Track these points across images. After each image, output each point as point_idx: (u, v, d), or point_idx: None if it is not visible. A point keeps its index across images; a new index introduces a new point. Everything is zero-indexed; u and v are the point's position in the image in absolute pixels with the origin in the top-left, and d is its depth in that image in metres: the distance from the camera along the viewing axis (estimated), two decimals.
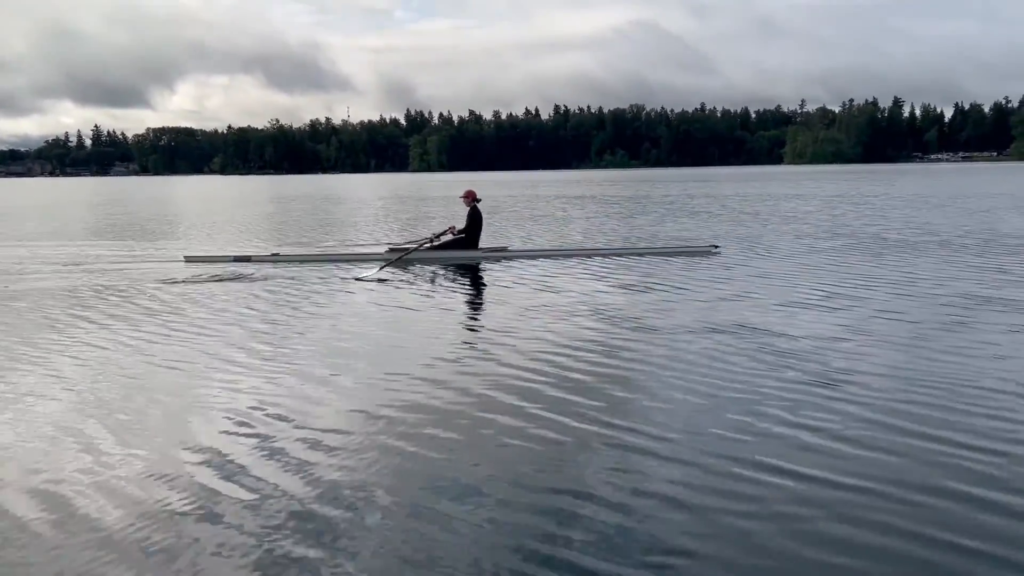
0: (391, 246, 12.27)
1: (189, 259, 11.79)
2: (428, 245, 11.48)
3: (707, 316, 6.97)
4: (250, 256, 11.90)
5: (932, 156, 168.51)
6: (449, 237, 11.66)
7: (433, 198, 35.98)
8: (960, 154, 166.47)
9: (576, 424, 4.17)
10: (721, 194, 34.23)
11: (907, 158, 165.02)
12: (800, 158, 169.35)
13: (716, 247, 12.23)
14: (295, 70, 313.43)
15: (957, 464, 3.59)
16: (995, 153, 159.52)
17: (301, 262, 11.60)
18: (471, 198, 11.94)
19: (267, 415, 4.41)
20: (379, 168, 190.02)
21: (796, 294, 8.08)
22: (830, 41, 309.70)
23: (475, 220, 11.82)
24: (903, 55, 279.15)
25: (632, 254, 11.97)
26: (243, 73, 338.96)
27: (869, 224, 16.77)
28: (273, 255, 12.01)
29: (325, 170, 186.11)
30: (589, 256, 11.81)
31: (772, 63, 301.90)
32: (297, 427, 4.20)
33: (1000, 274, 9.27)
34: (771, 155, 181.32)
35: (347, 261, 11.54)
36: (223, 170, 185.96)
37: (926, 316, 6.85)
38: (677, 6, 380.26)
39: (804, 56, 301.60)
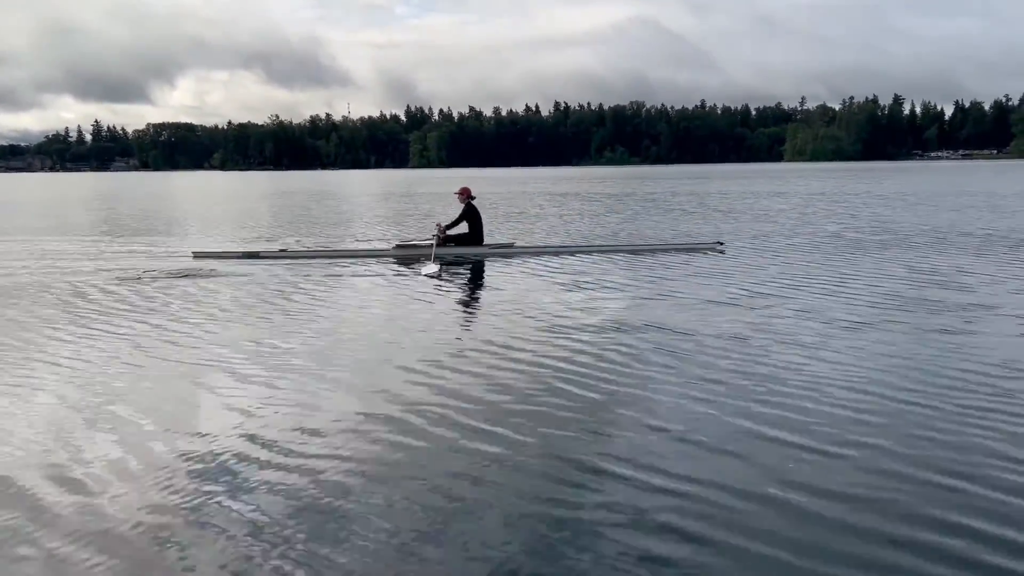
0: (399, 243, 12.36)
1: (197, 254, 11.89)
2: (435, 242, 11.58)
3: (713, 312, 7.07)
4: (258, 252, 12.00)
5: (932, 154, 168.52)
6: (441, 232, 11.66)
7: (436, 194, 36.01)
8: (960, 152, 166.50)
9: (582, 421, 4.20)
10: (703, 191, 34.32)
11: (907, 156, 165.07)
12: (800, 155, 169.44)
13: (721, 244, 12.35)
14: (295, 66, 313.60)
15: (968, 463, 3.58)
16: (995, 151, 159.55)
17: (308, 258, 11.70)
18: (466, 195, 12.02)
19: (275, 410, 4.45)
20: (379, 164, 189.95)
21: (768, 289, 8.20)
22: (831, 39, 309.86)
23: (473, 217, 11.87)
24: (904, 53, 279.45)
25: (638, 251, 12.07)
26: (243, 69, 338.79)
27: (834, 222, 16.88)
28: (281, 251, 12.11)
29: (325, 166, 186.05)
30: (595, 252, 11.92)
31: (773, 60, 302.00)
32: (302, 422, 4.23)
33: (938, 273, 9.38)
34: (771, 152, 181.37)
35: (354, 257, 11.64)
36: (223, 166, 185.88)
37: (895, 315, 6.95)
38: (677, 3, 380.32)
39: (805, 54, 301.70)
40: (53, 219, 23.08)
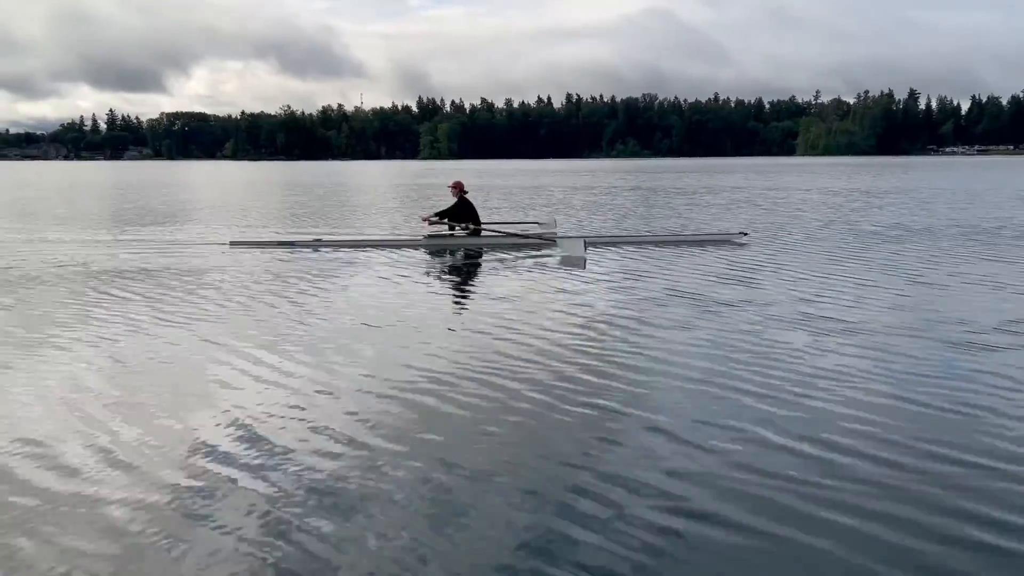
0: (429, 233, 12.65)
1: (234, 243, 12.23)
2: (467, 231, 11.88)
3: (736, 300, 7.27)
4: (293, 242, 12.32)
5: (947, 149, 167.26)
6: (428, 224, 12.08)
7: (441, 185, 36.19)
8: (976, 147, 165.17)
9: (598, 411, 4.24)
10: (691, 185, 34.41)
11: (922, 151, 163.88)
12: (813, 150, 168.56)
13: (745, 234, 12.58)
14: (309, 56, 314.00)
15: (988, 460, 3.58)
16: (1012, 147, 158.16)
17: (341, 247, 11.99)
18: (459, 189, 12.34)
19: (302, 396, 4.55)
20: (390, 155, 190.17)
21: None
22: (846, 32, 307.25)
23: (467, 210, 12.18)
24: (921, 47, 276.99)
25: (663, 242, 12.31)
26: (257, 59, 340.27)
27: (784, 218, 17.06)
28: (315, 240, 12.41)
29: (335, 157, 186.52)
30: (619, 243, 12.15)
31: (787, 53, 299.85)
32: (323, 409, 4.31)
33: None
34: (784, 146, 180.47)
35: (386, 247, 11.93)
36: (234, 155, 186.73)
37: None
38: None
39: (820, 47, 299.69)
40: (86, 207, 23.49)
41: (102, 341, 6.00)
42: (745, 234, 12.60)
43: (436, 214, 12.25)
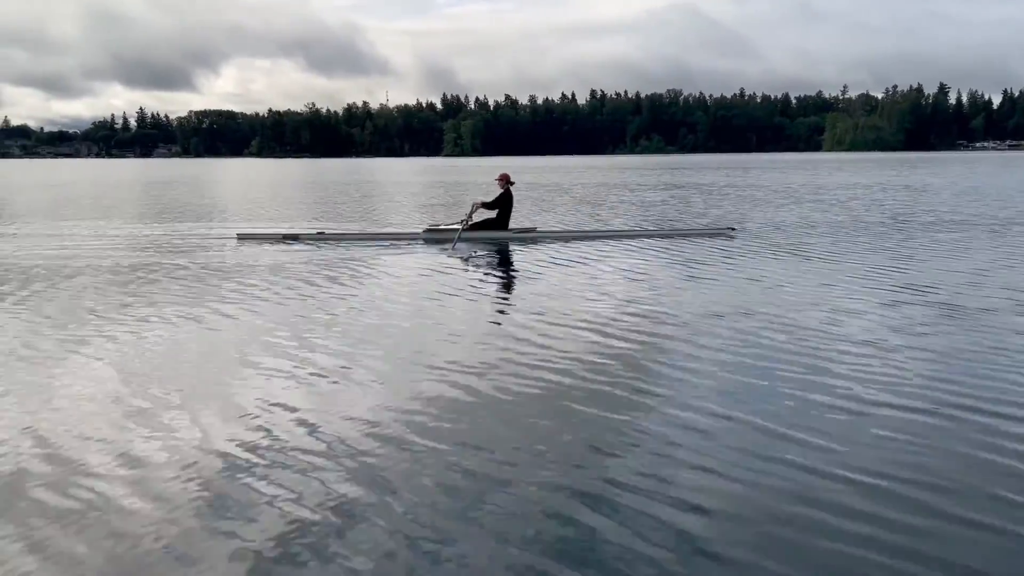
0: (429, 226, 13.06)
1: (241, 236, 12.73)
2: (464, 225, 12.26)
3: (725, 295, 7.48)
4: (298, 235, 12.74)
5: (978, 144, 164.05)
6: (476, 211, 12.34)
7: (463, 183, 36.63)
8: (1008, 142, 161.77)
9: (602, 406, 4.26)
10: (673, 182, 34.36)
11: (951, 146, 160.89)
12: (839, 145, 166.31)
13: (732, 229, 12.85)
14: (335, 53, 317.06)
15: (991, 447, 3.61)
16: None
17: (344, 240, 12.42)
18: (505, 180, 12.71)
19: (307, 391, 4.61)
20: (413, 152, 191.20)
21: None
22: (875, 25, 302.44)
23: (507, 201, 12.57)
24: (951, 39, 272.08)
25: (654, 236, 12.61)
26: (284, 57, 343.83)
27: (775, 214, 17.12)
28: (319, 233, 12.84)
29: (359, 154, 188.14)
30: (613, 237, 12.48)
31: (815, 48, 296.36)
32: (329, 405, 4.33)
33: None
34: (810, 142, 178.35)
35: (388, 240, 12.33)
36: (259, 153, 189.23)
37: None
38: None
39: (848, 41, 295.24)
40: (110, 203, 24.27)
41: (118, 334, 6.11)
42: (733, 229, 12.92)
43: (484, 203, 12.59)
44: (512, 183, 12.81)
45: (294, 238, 12.50)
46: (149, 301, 7.49)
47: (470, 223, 12.22)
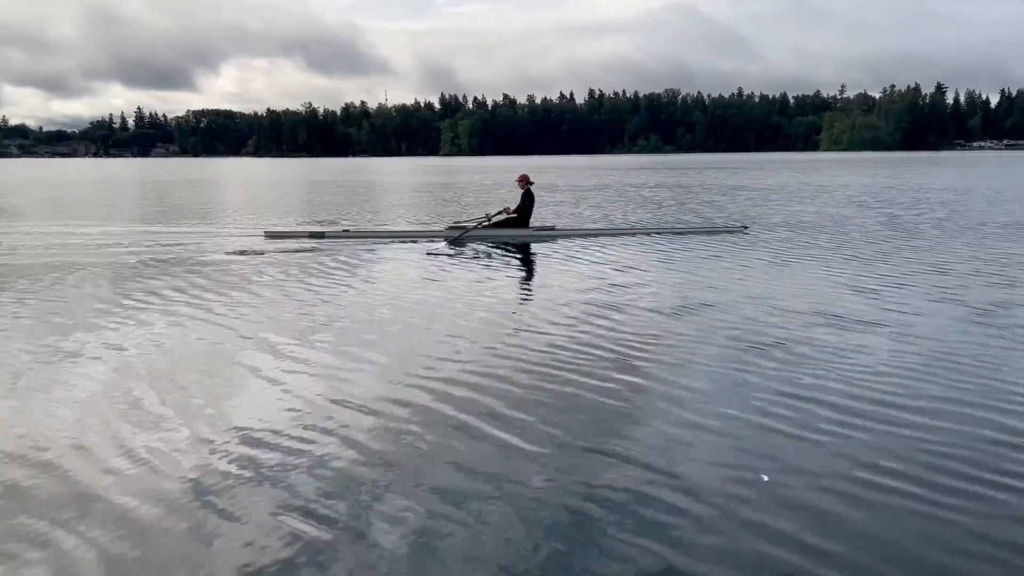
0: (452, 224, 13.40)
1: (269, 234, 13.05)
2: (485, 224, 12.57)
3: (740, 290, 7.79)
4: (324, 232, 13.07)
5: (975, 144, 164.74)
6: (503, 217, 12.73)
7: (461, 183, 36.81)
8: (1005, 142, 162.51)
9: (615, 403, 4.31)
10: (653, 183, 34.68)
11: (949, 146, 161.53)
12: (836, 145, 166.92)
13: (745, 227, 13.23)
14: (334, 53, 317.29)
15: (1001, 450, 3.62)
16: None
17: (368, 238, 12.74)
18: (525, 181, 13.04)
19: (326, 385, 4.67)
20: (411, 152, 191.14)
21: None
22: (874, 24, 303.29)
23: (528, 201, 12.91)
24: (951, 39, 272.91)
25: (669, 233, 12.96)
26: (283, 56, 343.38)
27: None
28: (344, 231, 13.17)
29: (356, 153, 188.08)
30: (630, 235, 12.82)
31: (814, 47, 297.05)
32: (343, 399, 4.40)
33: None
34: (808, 142, 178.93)
35: (411, 238, 12.66)
36: (256, 152, 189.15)
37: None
38: None
39: (847, 40, 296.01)
40: (136, 203, 24.52)
41: (143, 330, 6.20)
42: (746, 227, 13.32)
43: (512, 210, 12.72)
44: (532, 183, 13.14)
45: (320, 236, 12.81)
46: (184, 296, 7.67)
47: (492, 222, 12.54)
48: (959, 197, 21.46)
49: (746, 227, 13.36)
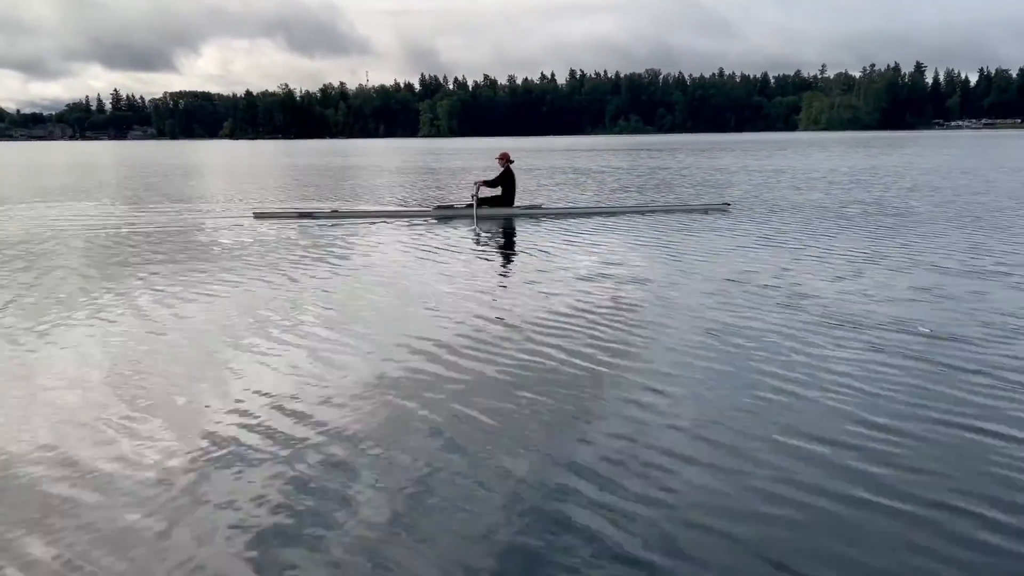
0: (438, 204, 13.52)
1: (258, 215, 13.10)
2: (471, 204, 12.72)
3: (723, 266, 8.02)
4: (312, 212, 13.15)
5: (953, 123, 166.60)
6: (484, 192, 12.76)
7: (441, 168, 36.64)
8: (983, 121, 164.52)
9: (597, 381, 4.31)
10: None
11: (927, 125, 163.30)
12: (815, 125, 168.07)
13: (728, 204, 13.52)
14: (315, 34, 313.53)
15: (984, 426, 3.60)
16: (1020, 120, 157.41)
17: (357, 217, 12.84)
18: (505, 159, 13.16)
19: (313, 364, 4.71)
20: (389, 133, 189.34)
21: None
22: (857, 4, 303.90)
23: (509, 180, 13.00)
24: (933, 18, 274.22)
25: (654, 211, 13.19)
26: (264, 37, 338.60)
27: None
28: (333, 212, 13.24)
29: (333, 135, 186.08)
30: (615, 213, 13.04)
31: (796, 26, 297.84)
32: (335, 380, 4.38)
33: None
34: (788, 122, 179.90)
35: (399, 217, 12.79)
36: (232, 135, 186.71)
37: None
38: None
39: (829, 20, 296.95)
40: (118, 185, 24.29)
41: (132, 312, 6.19)
42: (728, 204, 13.62)
43: (484, 181, 12.92)
44: (512, 161, 13.28)
45: (309, 216, 12.89)
46: (173, 277, 7.72)
47: (477, 200, 12.69)
48: (919, 177, 21.82)
49: (728, 204, 13.63)
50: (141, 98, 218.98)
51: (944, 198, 14.98)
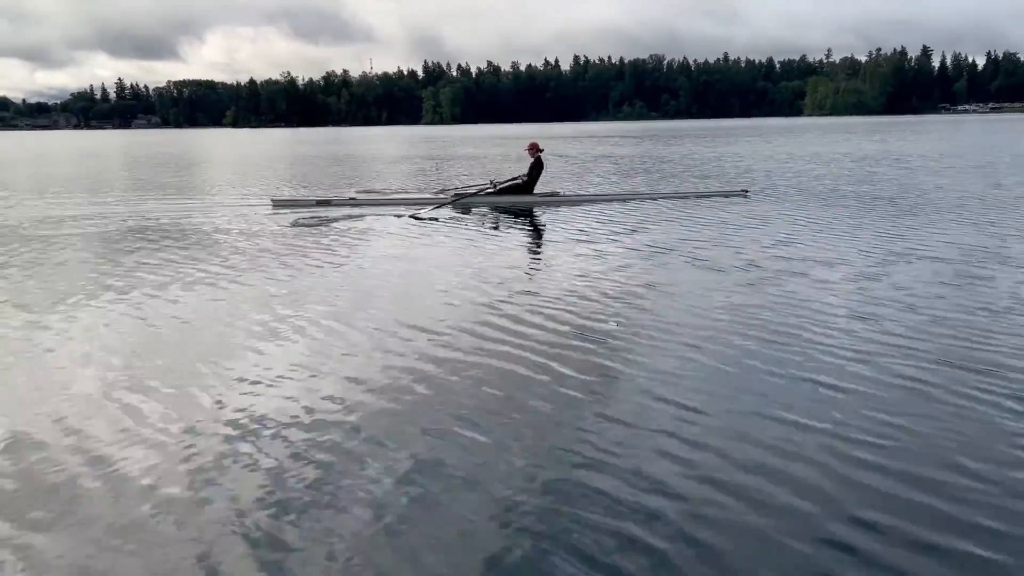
0: (456, 191, 13.53)
1: (276, 202, 13.14)
2: (490, 191, 12.73)
3: (743, 252, 8.00)
4: (330, 199, 13.17)
5: (960, 107, 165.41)
6: (509, 184, 12.86)
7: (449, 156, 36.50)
8: (990, 105, 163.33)
9: (614, 374, 4.25)
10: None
11: (933, 109, 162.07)
12: (820, 109, 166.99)
13: (746, 191, 13.51)
14: (319, 21, 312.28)
15: (995, 417, 3.56)
16: None
17: (374, 205, 12.86)
18: (535, 149, 13.17)
19: (327, 353, 4.74)
20: (392, 121, 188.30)
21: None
22: None
23: (537, 170, 13.03)
24: (941, 1, 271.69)
25: (672, 198, 13.18)
26: (268, 24, 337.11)
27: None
28: (351, 199, 13.27)
29: (335, 123, 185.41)
30: (634, 200, 13.04)
31: (803, 11, 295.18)
32: (365, 378, 4.29)
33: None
34: (793, 107, 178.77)
35: (416, 204, 12.72)
36: (235, 123, 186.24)
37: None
38: None
39: (836, 4, 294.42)
40: (138, 176, 24.33)
41: (149, 300, 6.24)
42: (747, 191, 13.59)
43: (525, 178, 12.87)
44: (542, 151, 13.28)
45: (327, 203, 12.91)
46: (197, 264, 7.78)
47: (497, 189, 12.69)
48: (916, 163, 21.73)
49: (747, 191, 13.61)
50: (145, 87, 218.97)
51: (967, 181, 14.94)
